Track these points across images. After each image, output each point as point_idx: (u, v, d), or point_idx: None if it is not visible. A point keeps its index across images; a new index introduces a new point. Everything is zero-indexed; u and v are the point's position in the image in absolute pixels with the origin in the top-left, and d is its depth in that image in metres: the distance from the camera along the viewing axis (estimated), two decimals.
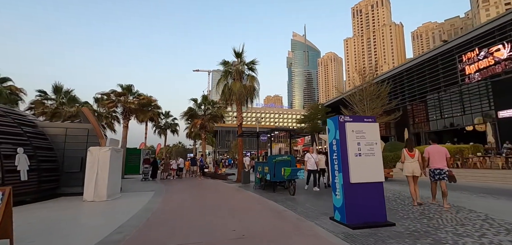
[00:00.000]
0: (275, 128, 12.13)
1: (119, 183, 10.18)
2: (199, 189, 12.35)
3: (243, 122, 17.05)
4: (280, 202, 8.01)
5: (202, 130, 24.97)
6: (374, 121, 5.51)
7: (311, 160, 10.66)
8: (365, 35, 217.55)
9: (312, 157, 10.71)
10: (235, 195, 10.26)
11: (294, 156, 12.44)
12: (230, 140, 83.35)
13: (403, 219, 5.54)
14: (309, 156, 10.76)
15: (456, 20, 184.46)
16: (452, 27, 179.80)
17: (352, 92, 23.91)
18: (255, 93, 16.68)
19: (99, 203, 8.47)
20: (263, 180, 11.54)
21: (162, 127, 41.44)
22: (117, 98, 21.05)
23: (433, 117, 29.58)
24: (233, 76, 16.71)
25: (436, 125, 28.93)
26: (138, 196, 10.12)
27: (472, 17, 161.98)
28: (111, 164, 9.16)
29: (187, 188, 13.26)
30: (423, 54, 29.26)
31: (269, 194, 10.04)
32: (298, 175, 9.31)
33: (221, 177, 18.50)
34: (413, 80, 29.43)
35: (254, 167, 14.20)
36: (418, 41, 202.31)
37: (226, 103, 16.80)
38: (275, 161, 10.52)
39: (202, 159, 19.66)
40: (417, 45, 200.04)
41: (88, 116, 10.98)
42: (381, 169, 5.31)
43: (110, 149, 9.11)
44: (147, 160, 17.11)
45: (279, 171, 10.39)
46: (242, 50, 16.42)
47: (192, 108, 25.02)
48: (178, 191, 11.98)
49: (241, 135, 14.03)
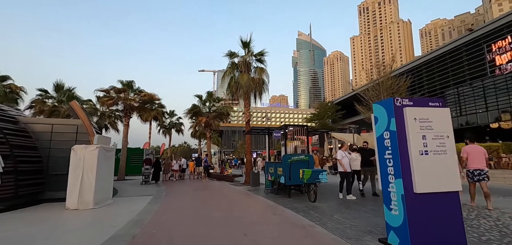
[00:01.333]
0: (289, 124, 10.67)
1: (110, 187, 8.81)
2: (203, 194, 10.91)
3: None
4: (301, 212, 6.51)
5: (207, 129, 23.57)
6: (443, 106, 3.96)
7: (345, 159, 8.54)
8: (372, 33, 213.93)
9: (346, 155, 8.63)
10: (245, 201, 8.78)
11: (313, 155, 10.77)
12: (236, 140, 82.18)
13: (483, 243, 3.99)
14: (343, 154, 8.57)
15: (467, 16, 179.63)
16: (463, 23, 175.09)
17: (367, 87, 22.17)
18: (264, 87, 15.20)
19: (84, 212, 7.10)
20: (276, 183, 10.05)
21: (166, 126, 40.43)
22: (117, 95, 19.82)
23: (453, 114, 27.60)
24: (240, 69, 15.26)
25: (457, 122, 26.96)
26: (133, 202, 8.74)
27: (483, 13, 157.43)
28: (100, 165, 7.80)
29: (190, 191, 11.85)
30: (445, 45, 27.18)
31: (284, 200, 8.54)
32: (320, 177, 7.77)
33: (228, 178, 17.11)
34: (434, 73, 27.44)
35: (264, 168, 12.70)
36: (426, 39, 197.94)
37: (232, 98, 15.34)
38: (291, 161, 9.02)
39: (207, 158, 18.21)
40: (426, 43, 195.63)
41: (77, 111, 9.66)
42: (457, 173, 3.76)
43: (98, 147, 7.75)
44: (148, 160, 15.56)
45: (296, 172, 8.88)
46: (250, 39, 14.96)
47: (196, 105, 23.64)
48: (179, 195, 10.57)
49: (249, 132, 12.56)
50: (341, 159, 8.52)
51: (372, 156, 8.71)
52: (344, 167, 8.44)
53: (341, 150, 8.72)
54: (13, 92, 25.50)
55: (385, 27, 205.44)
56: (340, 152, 8.70)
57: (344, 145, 9.10)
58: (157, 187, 13.40)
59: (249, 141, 14.93)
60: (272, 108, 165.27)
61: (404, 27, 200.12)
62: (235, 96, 15.04)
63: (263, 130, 11.53)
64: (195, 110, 23.41)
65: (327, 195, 9.16)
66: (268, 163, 11.52)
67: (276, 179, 10.02)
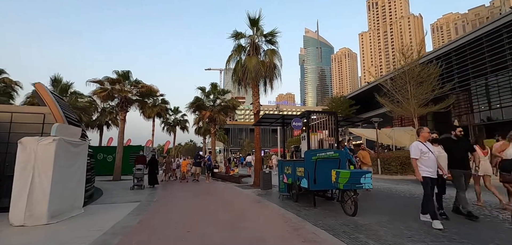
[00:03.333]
0: (313, 109, 8.81)
1: (78, 194, 6.74)
2: (203, 201, 8.76)
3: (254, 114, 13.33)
4: (345, 237, 4.27)
5: (212, 124, 21.45)
6: None
7: (430, 158, 4.84)
8: (381, 29, 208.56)
9: (428, 149, 4.90)
10: (256, 213, 6.58)
11: (364, 151, 8.22)
12: (243, 138, 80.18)
13: None
14: (422, 147, 4.90)
15: (481, 9, 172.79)
16: (477, 16, 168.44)
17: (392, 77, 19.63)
18: (276, 73, 12.97)
19: (30, 230, 5.05)
20: (294, 187, 7.83)
21: (171, 123, 38.81)
22: (111, 86, 17.89)
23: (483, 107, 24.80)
24: (248, 51, 13.07)
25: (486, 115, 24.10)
26: (109, 212, 6.67)
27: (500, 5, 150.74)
28: (59, 164, 5.74)
29: (188, 197, 9.73)
30: (479, 28, 24.06)
31: (309, 211, 6.32)
32: (363, 182, 5.49)
33: (234, 179, 14.94)
34: (466, 60, 24.45)
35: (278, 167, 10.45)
36: (438, 34, 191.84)
37: (239, 86, 13.15)
38: (316, 158, 6.79)
39: (210, 157, 16.07)
40: (438, 38, 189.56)
41: (43, 96, 7.65)
42: None
43: (55, 140, 5.68)
44: (141, 158, 13.19)
45: (324, 174, 6.66)
46: (259, 16, 12.71)
47: (199, 98, 21.49)
48: (173, 202, 8.45)
49: (259, 122, 10.35)
50: (418, 157, 4.85)
51: (468, 150, 5.74)
52: (420, 171, 4.82)
53: (418, 141, 5.02)
54: (8, 86, 24.04)
55: (395, 23, 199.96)
56: (416, 144, 4.96)
57: (424, 131, 5.05)
58: (151, 190, 11.32)
59: (258, 135, 12.73)
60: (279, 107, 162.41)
61: (415, 22, 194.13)
62: (242, 84, 12.85)
63: (277, 120, 9.26)
64: (198, 103, 21.29)
65: (361, 201, 6.90)
66: (283, 161, 9.29)
67: (294, 182, 7.80)
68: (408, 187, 10.29)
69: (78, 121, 9.86)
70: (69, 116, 8.71)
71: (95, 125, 31.40)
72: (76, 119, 9.41)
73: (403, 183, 11.89)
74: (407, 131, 21.97)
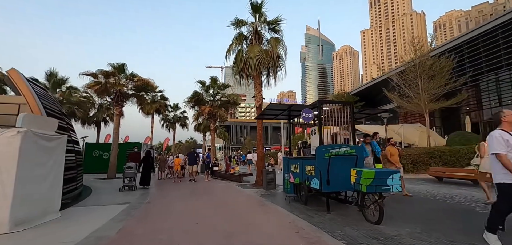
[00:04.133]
0: (326, 99, 8.01)
1: (54, 196, 5.80)
2: (199, 203, 7.83)
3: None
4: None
5: (211, 120, 20.48)
6: None
7: None
8: (383, 26, 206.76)
9: None
10: (261, 219, 5.65)
11: (394, 148, 7.05)
12: (244, 136, 79.26)
13: None
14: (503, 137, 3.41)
15: (485, 6, 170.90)
16: (481, 14, 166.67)
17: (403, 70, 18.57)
18: (280, 63, 12.02)
19: None
20: (303, 188, 6.89)
21: (170, 120, 37.96)
22: (105, 79, 16.94)
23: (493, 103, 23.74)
24: (250, 40, 12.10)
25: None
26: (91, 217, 5.76)
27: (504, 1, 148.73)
28: (26, 161, 4.82)
29: (184, 198, 8.81)
30: (497, 17, 22.80)
31: (322, 217, 5.38)
32: (390, 184, 4.54)
33: (234, 177, 14.02)
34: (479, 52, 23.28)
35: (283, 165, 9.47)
36: (441, 31, 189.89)
37: (240, 78, 12.18)
38: (330, 155, 5.84)
39: (210, 154, 15.10)
40: (440, 35, 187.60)
41: (17, 83, 6.72)
42: None
43: (21, 132, 4.75)
44: (134, 155, 12.00)
45: (338, 173, 5.74)
46: (262, 2, 11.70)
47: (198, 92, 20.48)
48: (166, 204, 7.53)
49: (262, 114, 9.37)
50: (505, 152, 3.32)
51: None
52: (499, 176, 3.39)
53: (501, 130, 3.52)
54: None
55: (398, 20, 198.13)
56: (499, 135, 3.44)
57: (507, 115, 3.57)
58: (143, 190, 10.37)
59: (260, 131, 11.79)
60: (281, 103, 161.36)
61: (417, 19, 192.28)
62: (243, 75, 11.89)
63: (283, 111, 8.24)
64: (197, 97, 20.29)
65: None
66: (289, 159, 8.35)
67: (303, 182, 6.86)
68: (425, 187, 9.35)
69: (62, 114, 8.93)
70: (50, 108, 7.79)
71: (92, 121, 30.51)
72: (59, 112, 8.49)
73: (418, 182, 10.95)
74: (416, 127, 21.00)
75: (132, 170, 10.35)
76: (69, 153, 8.31)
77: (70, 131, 8.99)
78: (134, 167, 10.39)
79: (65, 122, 8.58)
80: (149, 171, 11.41)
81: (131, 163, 10.58)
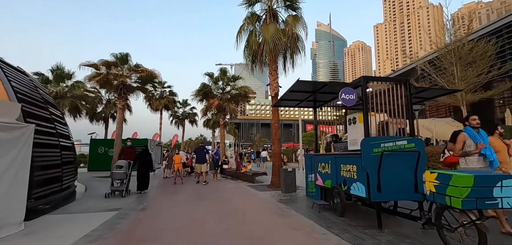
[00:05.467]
0: (370, 76, 6.40)
1: (14, 203, 4.40)
2: (207, 210, 6.32)
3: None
4: None
5: (221, 114, 19.02)
6: None
7: None
8: (398, 20, 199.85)
9: None
10: (286, 239, 4.08)
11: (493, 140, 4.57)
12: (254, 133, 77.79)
13: None
14: None
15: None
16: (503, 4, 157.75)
17: (438, 56, 16.42)
18: (299, 45, 10.36)
19: None
20: (338, 195, 5.26)
21: (179, 116, 37.02)
22: (107, 70, 15.74)
23: None
24: (264, 20, 10.49)
25: None
26: (57, 234, 4.36)
27: None
28: None
29: (186, 203, 7.35)
30: None
31: (376, 240, 3.75)
32: (498, 196, 2.86)
33: (246, 177, 12.36)
34: None
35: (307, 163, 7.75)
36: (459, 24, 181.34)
37: (253, 63, 10.61)
38: (383, 151, 4.21)
39: (218, 151, 13.61)
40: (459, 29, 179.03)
41: None
42: None
43: None
44: (127, 150, 9.36)
45: (392, 176, 4.10)
46: None
47: (206, 84, 19.00)
48: (163, 213, 6.08)
49: (279, 102, 7.73)
50: None
51: None
52: None
53: None
54: None
55: (413, 13, 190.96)
56: None
57: None
58: (139, 194, 8.69)
59: (276, 123, 10.19)
60: None
61: (434, 12, 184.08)
62: (256, 60, 10.30)
63: (309, 95, 6.41)
64: (205, 90, 18.82)
65: None
66: (316, 156, 6.72)
67: (338, 187, 5.24)
68: None
69: (47, 103, 7.63)
70: (27, 94, 6.47)
71: (100, 117, 29.84)
72: (41, 100, 7.17)
73: None
74: (448, 122, 18.83)
75: (123, 170, 8.15)
76: (52, 147, 7.02)
77: (56, 122, 7.71)
78: (125, 166, 8.23)
79: (48, 112, 7.28)
80: (147, 172, 9.23)
81: (122, 161, 8.38)
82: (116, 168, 8.23)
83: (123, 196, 7.99)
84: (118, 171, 8.14)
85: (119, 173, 8.14)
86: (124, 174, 8.18)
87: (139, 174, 9.07)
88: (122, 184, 8.19)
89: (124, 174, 8.18)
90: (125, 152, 9.36)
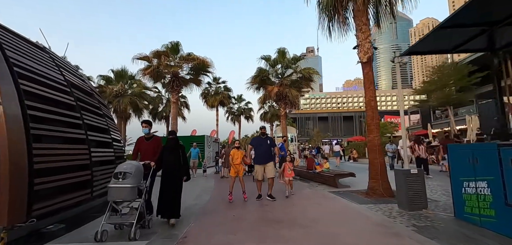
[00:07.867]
0: None
1: None
2: None
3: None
4: None
5: (281, 103, 16.25)
6: None
7: None
8: None
9: None
10: None
11: None
12: (310, 128, 73.23)
13: None
14: None
15: None
16: None
17: None
18: None
19: None
20: None
21: (235, 112, 36.31)
22: (157, 61, 14.59)
23: None
24: None
25: None
26: None
27: None
28: None
29: (248, 234, 4.74)
30: None
31: None
32: None
33: (324, 179, 8.91)
34: None
35: None
36: None
37: (330, 21, 7.48)
38: None
39: (284, 145, 10.88)
40: None
41: None
42: None
43: None
44: (146, 145, 4.97)
45: None
46: None
47: (263, 69, 16.45)
48: None
49: (413, 49, 4.58)
50: None
51: None
52: None
53: None
54: None
55: None
56: None
57: None
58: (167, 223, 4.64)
59: (373, 101, 6.90)
60: (347, 93, 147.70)
61: None
62: (337, 10, 7.15)
63: (484, 30, 3.16)
64: (262, 76, 16.28)
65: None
66: (505, 148, 3.36)
67: None
68: None
69: (73, 86, 6.02)
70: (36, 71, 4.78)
71: (162, 115, 30.60)
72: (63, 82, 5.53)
73: None
74: None
75: (130, 182, 3.97)
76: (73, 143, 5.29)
77: (86, 111, 6.06)
78: (136, 175, 4.06)
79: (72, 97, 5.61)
80: (177, 182, 4.80)
81: (129, 164, 4.22)
82: (116, 180, 3.97)
83: (133, 237, 3.74)
84: (120, 186, 3.93)
85: (122, 190, 3.92)
86: (134, 191, 3.99)
87: (163, 185, 4.76)
88: (131, 210, 4.07)
89: (132, 192, 3.97)
90: (143, 147, 5.00)
